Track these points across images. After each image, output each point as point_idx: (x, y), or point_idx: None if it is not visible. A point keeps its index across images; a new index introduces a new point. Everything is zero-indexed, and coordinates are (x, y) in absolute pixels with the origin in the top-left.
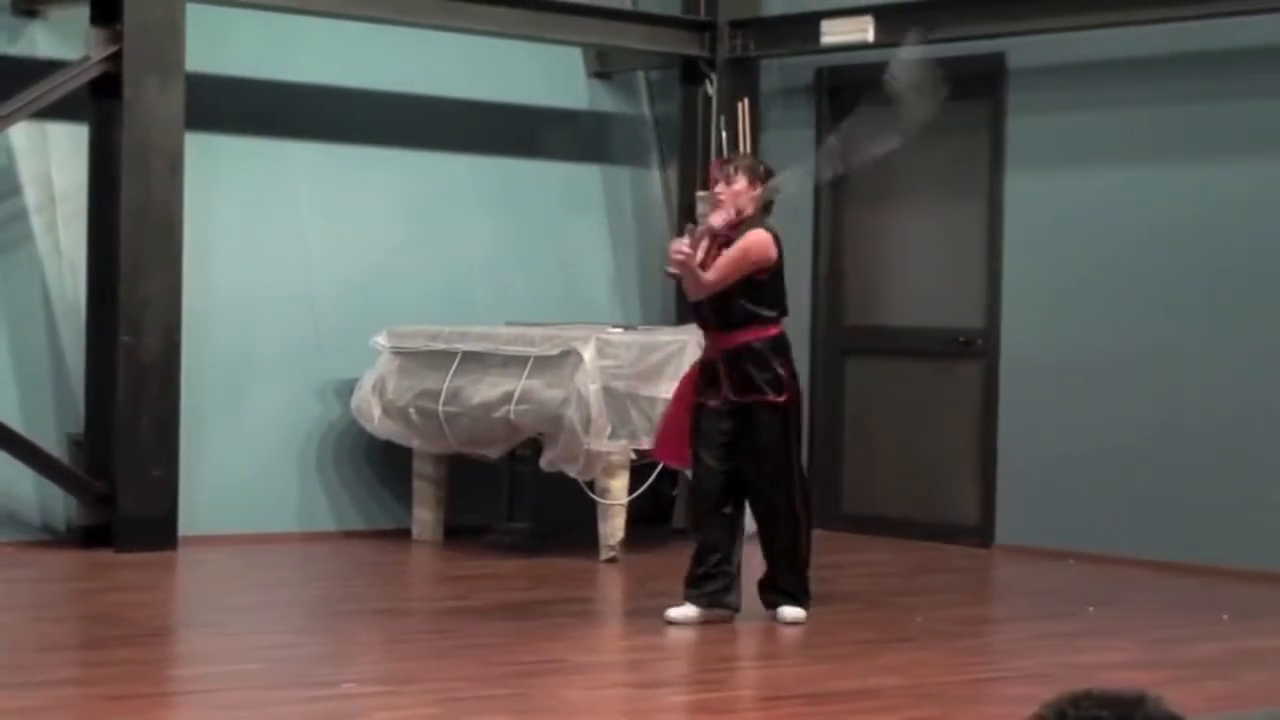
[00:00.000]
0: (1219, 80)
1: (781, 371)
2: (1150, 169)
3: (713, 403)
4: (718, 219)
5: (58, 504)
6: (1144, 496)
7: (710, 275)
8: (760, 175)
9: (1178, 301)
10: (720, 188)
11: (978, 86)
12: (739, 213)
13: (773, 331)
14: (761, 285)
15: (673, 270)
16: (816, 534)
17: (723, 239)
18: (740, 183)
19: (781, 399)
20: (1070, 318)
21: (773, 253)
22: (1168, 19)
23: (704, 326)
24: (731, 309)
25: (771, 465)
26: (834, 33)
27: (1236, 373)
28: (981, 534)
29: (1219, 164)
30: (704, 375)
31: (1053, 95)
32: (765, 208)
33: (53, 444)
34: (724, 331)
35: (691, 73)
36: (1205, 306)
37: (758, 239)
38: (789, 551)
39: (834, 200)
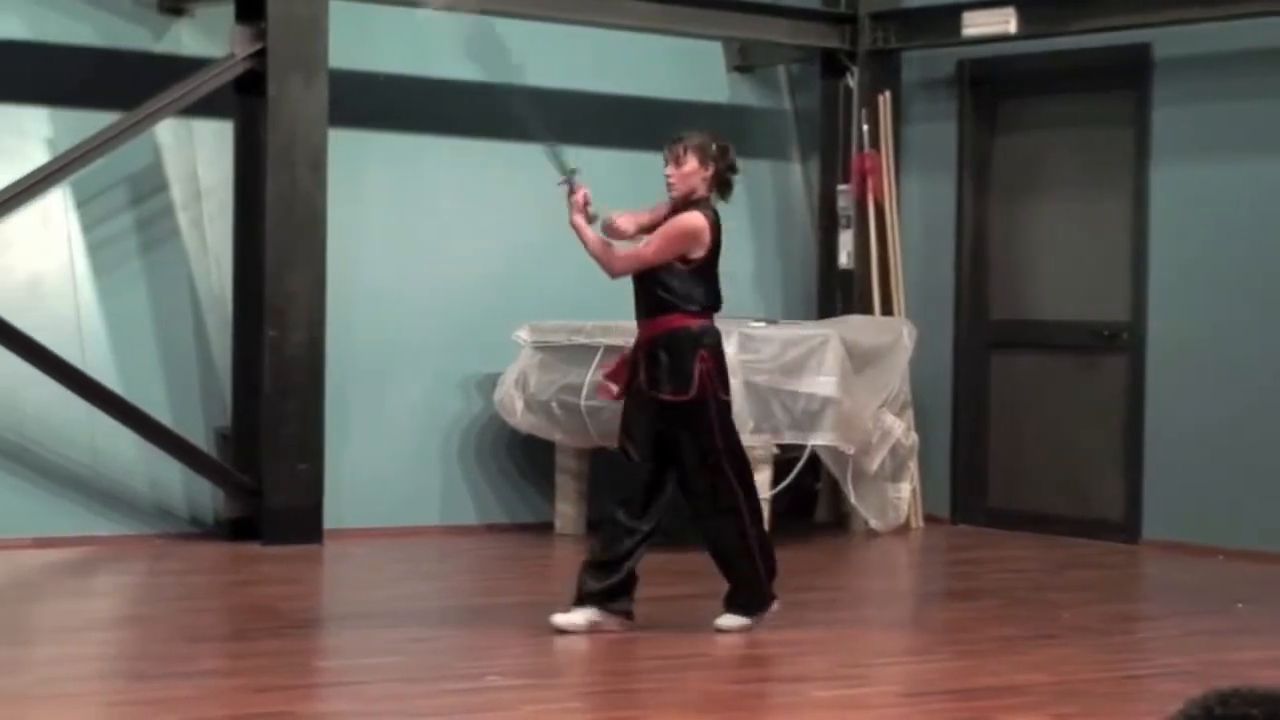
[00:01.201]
0: None
1: (698, 366)
2: None
3: (637, 395)
4: (625, 222)
5: (205, 497)
6: None
7: (624, 251)
8: (712, 155)
9: None
10: (670, 169)
11: (1123, 78)
12: (690, 194)
13: (694, 323)
14: (684, 274)
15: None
16: (961, 529)
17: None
18: (690, 163)
19: (685, 396)
20: (1217, 310)
21: (705, 238)
22: None
23: (637, 315)
24: (648, 295)
25: (702, 470)
26: (976, 24)
27: None
28: (1128, 529)
29: None
30: (629, 367)
31: (1199, 86)
32: (721, 190)
33: (200, 438)
34: (644, 319)
35: (832, 65)
36: None
37: (689, 220)
38: (736, 557)
39: (977, 194)
